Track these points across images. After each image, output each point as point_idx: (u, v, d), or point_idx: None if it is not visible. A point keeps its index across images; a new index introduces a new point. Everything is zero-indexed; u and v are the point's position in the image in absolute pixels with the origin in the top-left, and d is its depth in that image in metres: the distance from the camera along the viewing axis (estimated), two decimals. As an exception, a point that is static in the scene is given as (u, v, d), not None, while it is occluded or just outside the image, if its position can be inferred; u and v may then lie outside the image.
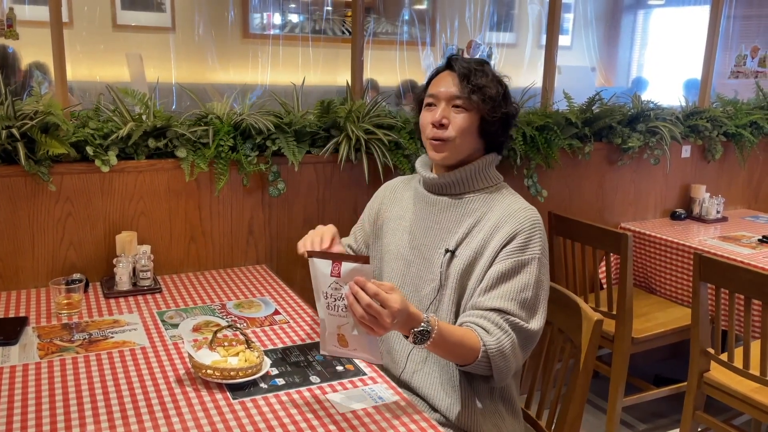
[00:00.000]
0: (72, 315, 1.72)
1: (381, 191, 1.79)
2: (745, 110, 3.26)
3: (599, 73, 4.53)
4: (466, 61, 1.53)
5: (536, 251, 1.45)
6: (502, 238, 1.46)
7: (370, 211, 1.78)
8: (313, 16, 3.47)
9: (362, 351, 1.29)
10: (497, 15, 3.97)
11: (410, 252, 1.60)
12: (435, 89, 1.54)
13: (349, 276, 1.24)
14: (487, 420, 1.51)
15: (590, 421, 2.74)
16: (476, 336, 1.39)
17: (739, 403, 2.10)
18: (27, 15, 2.44)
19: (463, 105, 1.50)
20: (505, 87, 1.54)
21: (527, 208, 1.50)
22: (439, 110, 1.51)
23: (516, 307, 1.42)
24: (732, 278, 2.04)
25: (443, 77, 1.54)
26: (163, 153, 2.05)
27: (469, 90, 1.49)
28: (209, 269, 2.17)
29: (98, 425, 1.21)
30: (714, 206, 3.11)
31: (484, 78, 1.50)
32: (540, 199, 2.66)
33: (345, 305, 1.25)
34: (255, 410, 1.28)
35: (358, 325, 1.24)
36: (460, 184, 1.56)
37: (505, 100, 1.53)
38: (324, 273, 1.26)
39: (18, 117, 1.83)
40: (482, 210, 1.53)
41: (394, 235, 1.65)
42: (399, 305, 1.23)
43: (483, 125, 1.52)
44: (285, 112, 2.25)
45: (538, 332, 1.45)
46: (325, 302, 1.28)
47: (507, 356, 1.40)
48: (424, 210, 1.61)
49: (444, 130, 1.51)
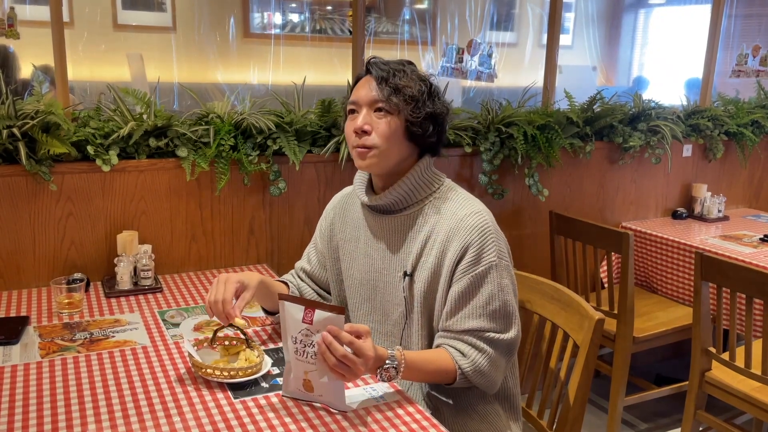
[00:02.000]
0: (73, 314, 1.72)
1: (329, 210, 1.70)
2: (747, 109, 3.26)
3: (600, 72, 4.53)
4: (385, 63, 1.46)
5: (492, 258, 1.40)
6: (453, 254, 1.41)
7: (321, 231, 1.70)
8: (314, 16, 3.47)
9: (328, 397, 1.28)
10: (498, 14, 3.97)
11: (373, 277, 1.55)
12: (355, 95, 1.46)
13: (321, 324, 1.22)
14: (485, 420, 1.51)
15: (591, 421, 2.74)
16: (451, 359, 1.40)
17: (741, 402, 2.10)
18: (28, 15, 2.44)
19: (385, 108, 1.42)
20: (429, 85, 1.47)
21: (474, 213, 1.43)
22: (361, 116, 1.44)
23: (487, 322, 1.40)
24: (733, 277, 2.04)
25: (363, 83, 1.47)
26: (164, 152, 2.05)
27: (388, 92, 1.41)
28: (210, 269, 2.17)
29: (99, 424, 1.21)
30: (715, 205, 3.10)
31: (404, 78, 1.43)
32: (541, 199, 2.66)
33: (314, 352, 1.24)
34: (256, 409, 1.28)
35: (328, 372, 1.23)
36: (400, 200, 1.49)
37: (430, 99, 1.45)
38: (295, 318, 1.24)
39: (19, 116, 1.83)
40: (431, 223, 1.47)
41: (353, 260, 1.60)
42: (373, 353, 1.23)
43: (409, 127, 1.44)
44: (286, 111, 2.25)
45: (516, 338, 1.44)
46: (294, 347, 1.26)
47: (485, 373, 1.40)
48: (375, 230, 1.55)
49: (367, 136, 1.43)
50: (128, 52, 2.80)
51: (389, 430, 1.23)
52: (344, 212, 1.65)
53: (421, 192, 1.49)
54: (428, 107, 1.44)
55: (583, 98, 2.83)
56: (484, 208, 1.47)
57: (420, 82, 1.45)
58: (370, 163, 1.45)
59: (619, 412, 2.53)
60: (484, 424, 1.50)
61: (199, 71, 3.22)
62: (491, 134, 2.53)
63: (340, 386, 1.26)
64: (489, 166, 2.54)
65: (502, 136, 2.55)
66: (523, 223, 2.77)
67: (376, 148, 1.43)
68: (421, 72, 1.50)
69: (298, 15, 3.49)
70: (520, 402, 1.62)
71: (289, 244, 2.29)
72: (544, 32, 3.79)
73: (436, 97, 1.48)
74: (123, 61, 2.81)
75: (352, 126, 1.45)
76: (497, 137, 2.54)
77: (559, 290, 1.65)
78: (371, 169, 1.48)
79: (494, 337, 1.40)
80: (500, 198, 2.62)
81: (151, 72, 2.61)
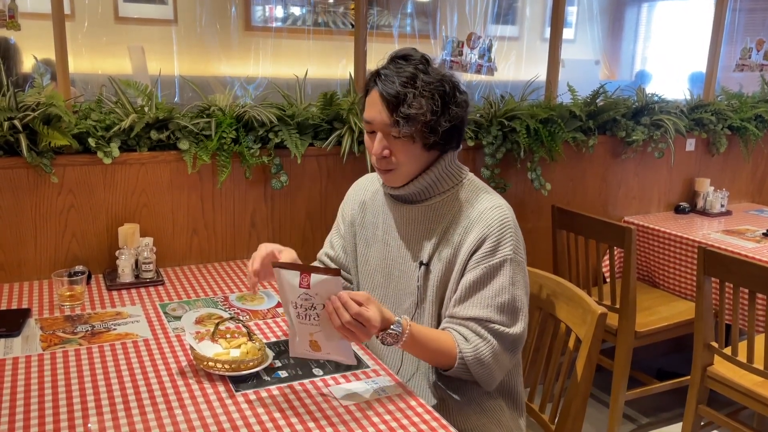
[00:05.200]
0: (74, 307, 1.72)
1: (352, 193, 1.70)
2: (750, 103, 3.25)
3: (603, 66, 4.51)
4: (393, 81, 1.36)
5: (507, 252, 1.40)
6: (470, 244, 1.42)
7: (343, 216, 1.70)
8: (316, 9, 3.46)
9: (335, 354, 1.30)
10: (500, 7, 3.95)
11: (389, 265, 1.56)
12: (369, 115, 1.42)
13: (318, 287, 1.23)
14: (488, 414, 1.51)
15: (593, 415, 2.74)
16: (453, 342, 1.39)
17: (743, 397, 2.10)
18: (29, 7, 2.43)
19: (400, 135, 1.39)
20: (444, 92, 1.38)
21: (495, 207, 1.43)
22: (377, 141, 1.41)
23: (494, 314, 1.39)
24: (736, 272, 2.03)
25: (374, 100, 1.40)
26: (166, 145, 2.05)
27: (401, 122, 1.36)
28: (212, 261, 2.17)
29: (100, 417, 1.21)
30: (718, 200, 3.09)
31: (416, 100, 1.35)
32: (543, 193, 2.65)
33: (317, 314, 1.25)
34: (258, 402, 1.27)
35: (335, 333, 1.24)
36: (423, 191, 1.49)
37: (445, 112, 1.39)
38: (292, 284, 1.25)
39: (20, 108, 1.82)
40: (451, 213, 1.47)
41: (369, 246, 1.61)
42: (379, 319, 1.24)
43: (427, 143, 1.41)
44: (288, 104, 2.24)
45: (522, 334, 1.43)
46: (295, 311, 1.27)
47: (486, 364, 1.39)
48: (395, 219, 1.55)
49: (388, 160, 1.42)
50: (129, 45, 2.79)
51: (391, 423, 1.23)
52: (365, 198, 1.65)
53: (444, 184, 1.49)
54: (444, 124, 1.39)
55: (586, 92, 2.82)
56: (506, 203, 1.47)
57: (434, 98, 1.37)
58: (395, 179, 1.47)
59: (620, 407, 2.53)
60: (488, 419, 1.50)
61: (200, 64, 3.22)
62: (494, 128, 2.52)
63: (346, 342, 1.28)
64: (491, 160, 2.53)
65: (505, 130, 2.54)
66: (526, 217, 2.77)
67: (396, 168, 1.44)
68: (437, 70, 1.41)
69: (300, 8, 3.48)
70: (524, 399, 1.62)
71: (291, 238, 2.29)
72: (546, 26, 3.77)
73: (453, 103, 1.40)
74: (124, 53, 2.81)
75: (370, 145, 1.44)
76: (500, 131, 2.53)
77: (562, 284, 1.65)
78: (397, 184, 1.48)
79: (499, 329, 1.40)
80: (502, 192, 2.61)
81: (153, 64, 2.60)
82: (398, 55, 1.43)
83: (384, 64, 1.43)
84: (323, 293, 1.23)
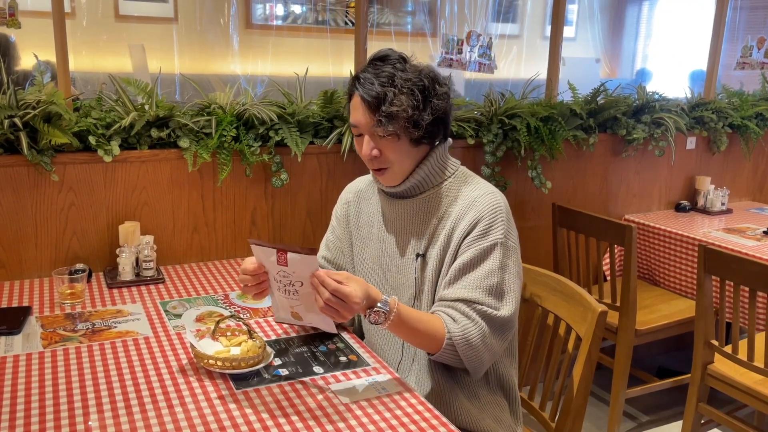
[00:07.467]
0: (75, 305, 1.72)
1: (345, 196, 1.71)
2: (751, 102, 3.24)
3: (604, 64, 4.51)
4: (371, 82, 1.40)
5: (498, 236, 1.42)
6: (463, 228, 1.44)
7: (338, 217, 1.71)
8: (316, 7, 3.46)
9: (316, 323, 1.41)
10: (500, 5, 3.95)
11: (386, 261, 1.58)
12: (354, 119, 1.46)
13: (295, 266, 1.28)
14: (486, 411, 1.51)
15: (593, 413, 2.75)
16: (442, 323, 1.39)
17: (743, 395, 2.10)
18: (29, 5, 2.43)
19: (385, 134, 1.42)
20: (424, 87, 1.41)
21: (488, 194, 1.46)
22: (365, 142, 1.45)
23: (482, 295, 1.40)
24: (737, 270, 2.03)
25: (357, 104, 1.45)
26: (166, 143, 2.05)
27: (384, 121, 1.39)
28: (212, 259, 2.17)
29: (101, 414, 1.21)
30: (719, 198, 3.09)
31: (396, 98, 1.38)
32: (544, 191, 2.65)
33: (296, 290, 1.32)
34: (258, 400, 1.28)
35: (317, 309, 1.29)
36: (417, 186, 1.51)
37: (427, 106, 1.41)
38: (270, 261, 1.30)
39: (20, 106, 1.82)
40: (445, 204, 1.50)
41: (366, 245, 1.63)
42: (360, 295, 1.26)
43: (413, 138, 1.43)
44: (288, 102, 2.24)
45: (510, 318, 1.43)
46: (276, 285, 1.34)
47: (474, 346, 1.38)
48: (390, 215, 1.57)
49: (378, 159, 1.45)
50: (130, 43, 2.79)
51: (391, 420, 1.23)
52: (359, 198, 1.68)
53: (437, 177, 1.52)
54: (427, 117, 1.41)
55: (587, 90, 2.81)
56: (498, 191, 1.49)
57: (413, 93, 1.39)
58: (391, 179, 1.50)
59: (620, 405, 2.53)
60: (485, 414, 1.51)
61: (200, 62, 3.22)
62: (494, 126, 2.52)
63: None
64: (492, 158, 2.53)
65: (505, 128, 2.54)
66: (526, 215, 2.77)
67: (389, 167, 1.47)
68: (415, 66, 1.44)
69: (300, 6, 3.48)
70: (518, 394, 1.62)
71: (291, 236, 2.29)
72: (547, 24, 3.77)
73: (433, 96, 1.43)
74: (124, 51, 2.81)
75: (359, 147, 1.49)
76: (500, 129, 2.53)
77: (562, 282, 1.65)
78: (394, 183, 1.50)
79: (487, 311, 1.39)
80: (503, 190, 2.61)
81: (153, 63, 2.60)
82: (376, 57, 1.47)
83: (363, 68, 1.47)
84: (300, 272, 1.28)
